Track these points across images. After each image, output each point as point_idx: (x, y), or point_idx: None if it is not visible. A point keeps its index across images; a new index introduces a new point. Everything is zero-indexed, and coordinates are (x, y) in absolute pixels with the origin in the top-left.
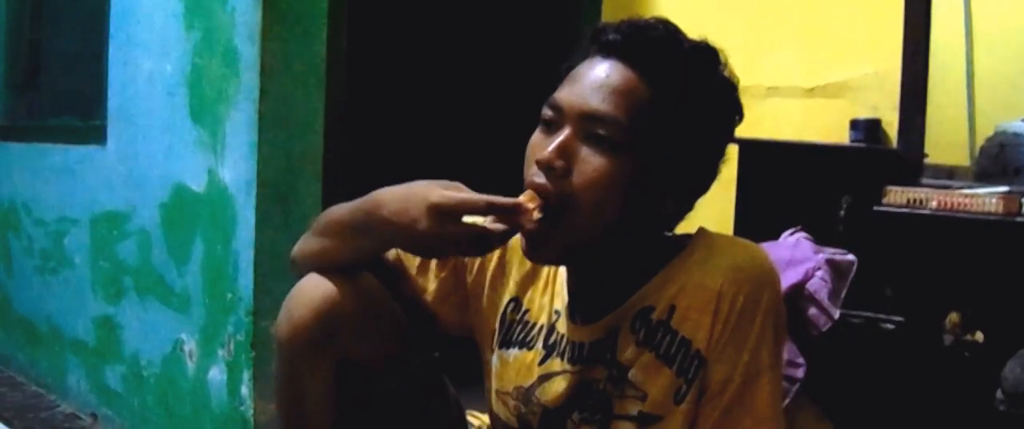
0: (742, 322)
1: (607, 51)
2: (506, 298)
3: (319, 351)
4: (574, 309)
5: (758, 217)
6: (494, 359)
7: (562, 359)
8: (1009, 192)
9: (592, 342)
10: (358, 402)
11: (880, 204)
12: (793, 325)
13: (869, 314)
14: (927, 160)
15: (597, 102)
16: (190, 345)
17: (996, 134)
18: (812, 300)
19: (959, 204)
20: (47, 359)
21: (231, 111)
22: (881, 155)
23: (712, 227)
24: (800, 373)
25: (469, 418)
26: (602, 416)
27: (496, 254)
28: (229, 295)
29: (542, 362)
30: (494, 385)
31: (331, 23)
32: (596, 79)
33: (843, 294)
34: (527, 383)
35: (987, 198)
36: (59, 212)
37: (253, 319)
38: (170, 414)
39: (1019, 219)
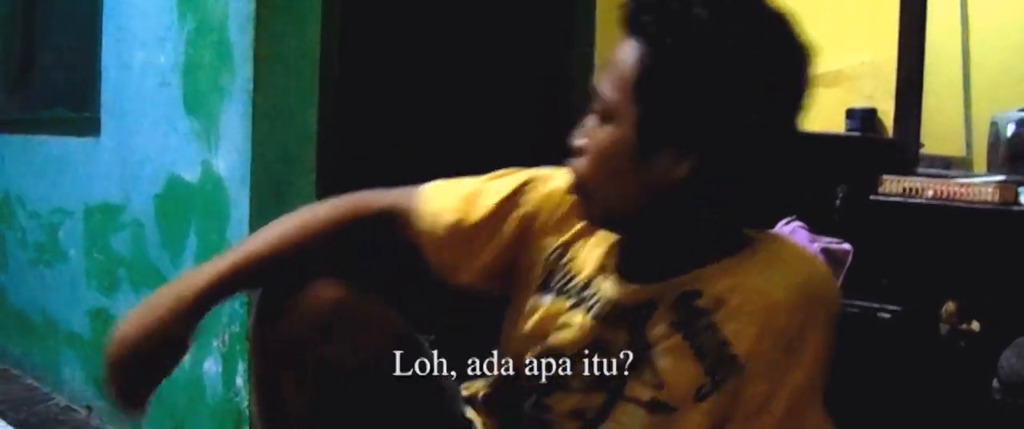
0: (797, 342)
1: (624, 27)
2: (556, 243)
3: (292, 359)
4: (622, 265)
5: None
6: (527, 304)
7: (587, 314)
8: (1005, 181)
9: (627, 305)
10: (337, 407)
11: (876, 193)
12: None
13: (865, 303)
14: (923, 149)
15: (600, 79)
16: None
17: (993, 124)
18: None
19: (955, 193)
20: (42, 352)
21: (225, 102)
22: (877, 144)
23: None
24: None
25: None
26: (609, 393)
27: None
28: None
29: (569, 310)
30: (515, 330)
31: (325, 13)
32: (608, 58)
33: (839, 283)
34: (545, 330)
35: (983, 187)
36: (53, 204)
37: (248, 310)
38: (165, 405)
39: (1015, 208)
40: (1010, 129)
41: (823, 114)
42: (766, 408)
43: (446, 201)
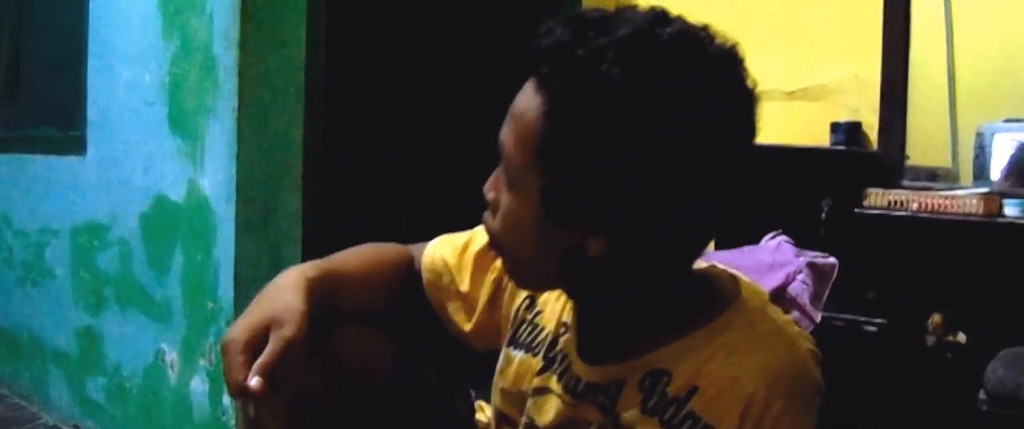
0: (778, 426)
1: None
2: (524, 294)
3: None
4: (580, 341)
5: (739, 221)
6: (502, 355)
7: (558, 380)
8: (989, 193)
9: (590, 383)
10: None
11: (861, 206)
12: None
13: (851, 317)
14: (908, 161)
15: (502, 132)
16: (171, 355)
17: (979, 134)
18: (794, 303)
19: (940, 205)
20: (29, 371)
21: (210, 121)
22: (862, 157)
23: None
24: None
25: (478, 415)
26: None
27: None
28: (210, 304)
29: (540, 373)
30: (497, 381)
31: (309, 31)
32: (513, 105)
33: (825, 297)
34: (526, 388)
35: (967, 199)
36: (40, 223)
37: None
38: (152, 424)
39: (1000, 220)
40: (995, 140)
41: (808, 128)
42: None
43: (440, 263)
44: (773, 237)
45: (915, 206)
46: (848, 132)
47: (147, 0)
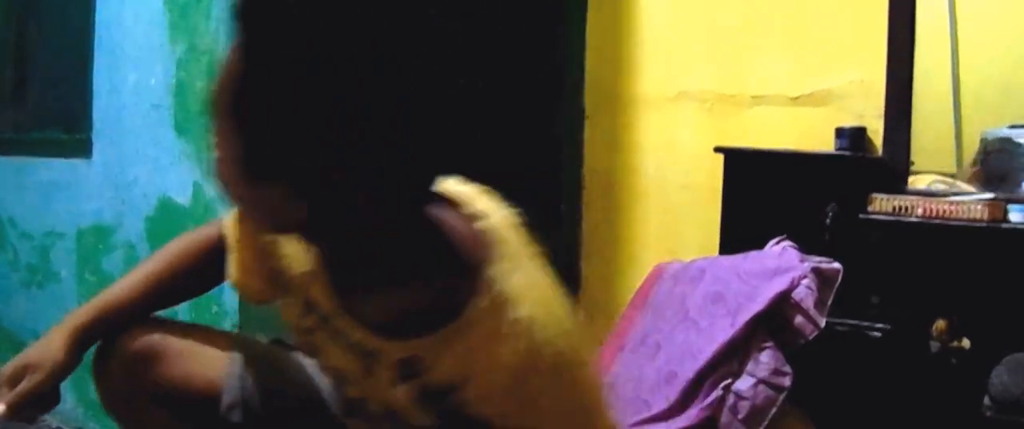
0: (559, 389)
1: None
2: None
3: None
4: (333, 284)
5: (744, 226)
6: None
7: (324, 325)
8: (994, 199)
9: (358, 347)
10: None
11: (866, 212)
12: (779, 334)
13: (855, 322)
14: (913, 168)
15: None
16: None
17: (983, 141)
18: (798, 309)
19: (945, 211)
20: None
21: None
22: (866, 163)
23: (698, 238)
24: (787, 382)
25: None
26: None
27: None
28: (214, 308)
29: (304, 314)
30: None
31: None
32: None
33: (829, 302)
34: (301, 326)
35: (972, 205)
36: (45, 226)
37: (239, 333)
38: None
39: (1004, 226)
40: (995, 147)
41: (813, 133)
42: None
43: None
44: (777, 242)
45: (920, 212)
46: (853, 137)
47: (153, 3)
